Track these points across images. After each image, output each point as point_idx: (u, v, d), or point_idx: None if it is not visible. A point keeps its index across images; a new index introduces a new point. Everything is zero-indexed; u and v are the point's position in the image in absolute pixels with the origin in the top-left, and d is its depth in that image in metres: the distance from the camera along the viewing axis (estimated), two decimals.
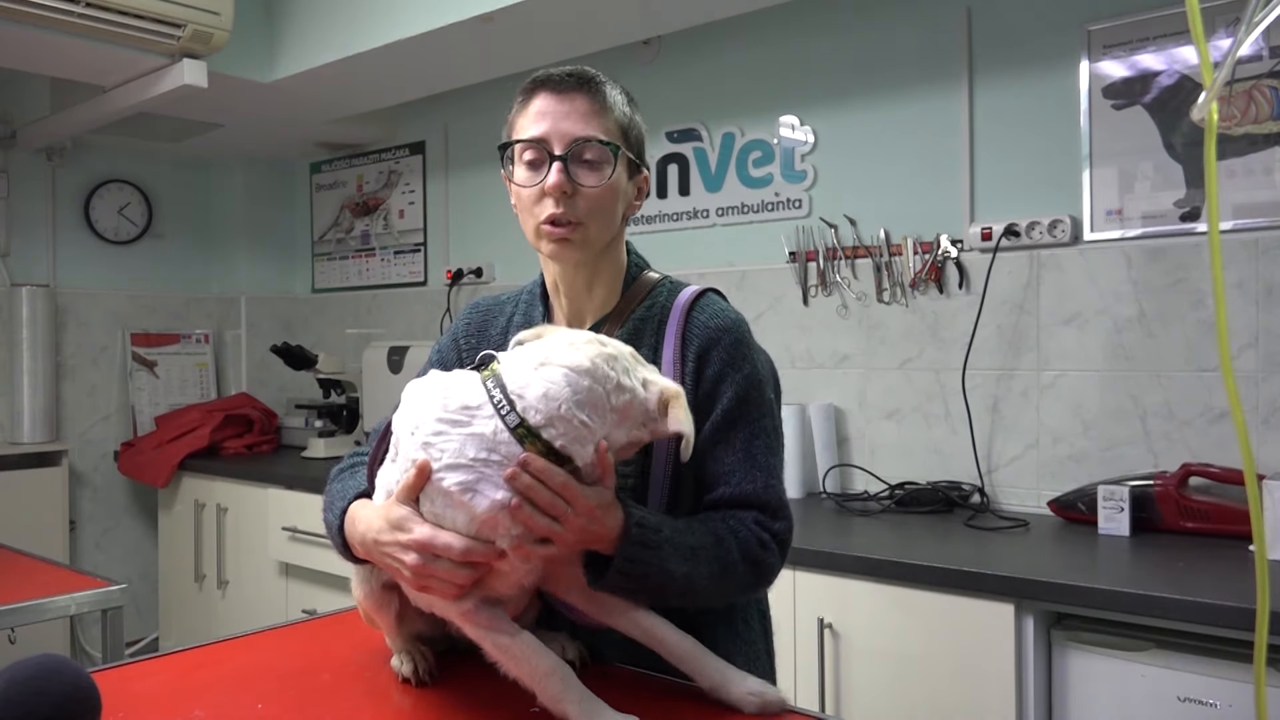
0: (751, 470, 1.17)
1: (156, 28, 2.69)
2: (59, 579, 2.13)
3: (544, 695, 0.98)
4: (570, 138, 1.18)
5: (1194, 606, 1.57)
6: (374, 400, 3.49)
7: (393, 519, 1.00)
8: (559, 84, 1.20)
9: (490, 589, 1.01)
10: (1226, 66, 0.80)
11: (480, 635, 1.01)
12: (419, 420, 0.98)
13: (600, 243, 1.22)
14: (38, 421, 3.68)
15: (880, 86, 2.66)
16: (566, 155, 1.17)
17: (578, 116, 1.19)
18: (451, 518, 0.96)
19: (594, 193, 1.19)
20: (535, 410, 0.95)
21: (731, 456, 1.18)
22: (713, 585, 1.10)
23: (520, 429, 0.95)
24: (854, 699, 1.98)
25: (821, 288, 2.75)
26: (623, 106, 1.24)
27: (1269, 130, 2.07)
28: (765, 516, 1.17)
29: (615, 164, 1.20)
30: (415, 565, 0.97)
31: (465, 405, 0.97)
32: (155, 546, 3.99)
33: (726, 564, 1.11)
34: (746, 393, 1.19)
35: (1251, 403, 2.09)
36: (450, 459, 0.95)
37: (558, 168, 1.17)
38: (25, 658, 0.90)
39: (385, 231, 4.07)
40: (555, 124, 1.18)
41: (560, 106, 1.19)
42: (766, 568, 1.16)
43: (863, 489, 2.61)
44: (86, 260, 3.96)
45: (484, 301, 1.39)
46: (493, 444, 0.95)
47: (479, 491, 0.94)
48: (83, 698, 0.90)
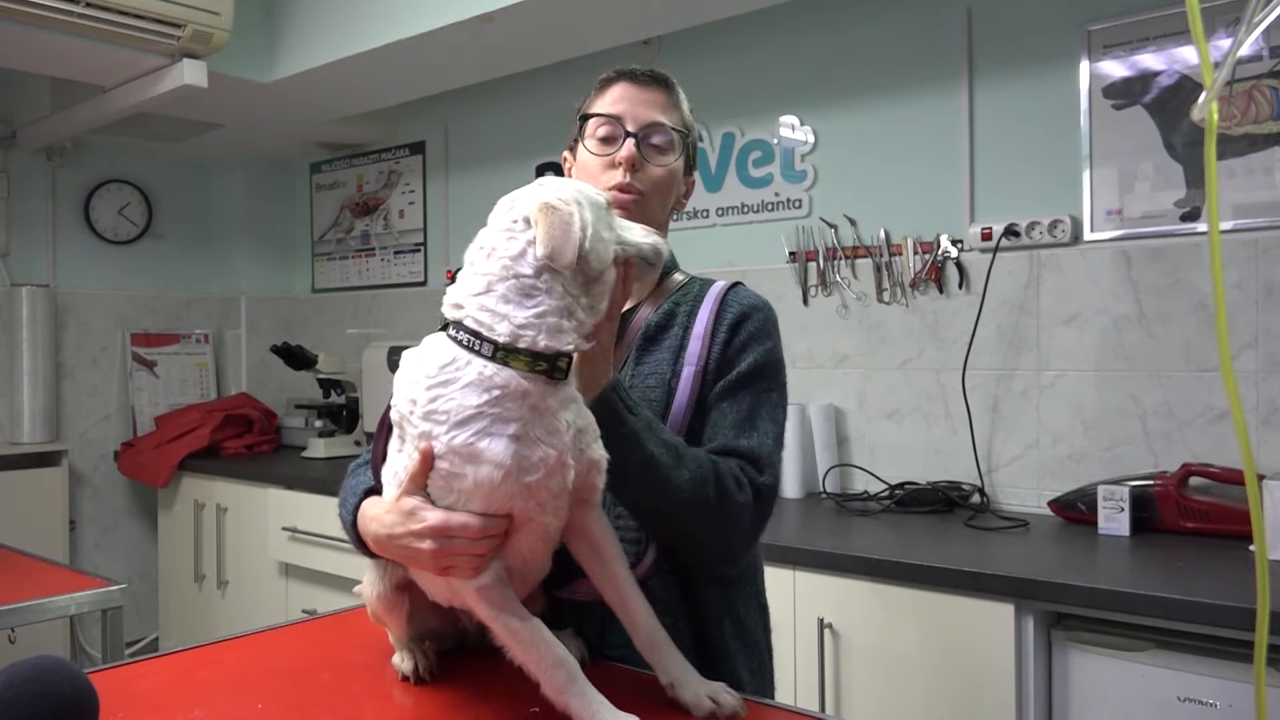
0: (749, 430, 1.23)
1: (156, 28, 2.69)
2: (59, 579, 2.13)
3: (548, 685, 0.98)
4: (645, 120, 1.30)
5: (1194, 606, 1.57)
6: (374, 400, 3.49)
7: (404, 509, 1.00)
8: (638, 76, 1.33)
9: (510, 552, 1.02)
10: (1226, 66, 0.80)
11: (493, 616, 1.01)
12: (413, 394, 1.00)
13: (654, 221, 1.28)
14: (38, 421, 3.68)
15: (880, 86, 2.66)
16: (639, 133, 1.29)
17: (654, 105, 1.31)
18: (471, 474, 0.95)
19: (659, 171, 1.30)
20: (495, 332, 0.97)
21: (734, 414, 1.24)
22: (680, 491, 1.11)
23: (499, 355, 0.96)
24: (854, 699, 1.98)
25: (821, 288, 2.75)
26: (688, 110, 1.37)
27: (1269, 130, 2.07)
28: (749, 466, 1.20)
29: (679, 150, 1.32)
30: (433, 550, 0.97)
31: (443, 364, 0.98)
32: (155, 546, 3.99)
33: (696, 478, 1.13)
34: (765, 364, 1.27)
35: (1251, 403, 2.09)
36: (456, 417, 0.96)
37: (630, 142, 1.28)
38: (23, 659, 0.89)
39: (385, 231, 4.07)
40: (632, 107, 1.30)
41: (639, 94, 1.31)
42: (735, 506, 1.16)
43: (863, 489, 2.61)
44: (86, 260, 3.96)
45: None
46: (489, 383, 0.96)
47: (494, 434, 0.95)
48: (81, 699, 0.89)
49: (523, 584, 1.08)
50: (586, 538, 1.08)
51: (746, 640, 1.28)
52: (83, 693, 0.90)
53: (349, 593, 1.23)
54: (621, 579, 1.08)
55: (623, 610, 1.08)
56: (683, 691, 1.04)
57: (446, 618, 1.21)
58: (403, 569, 1.16)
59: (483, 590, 1.00)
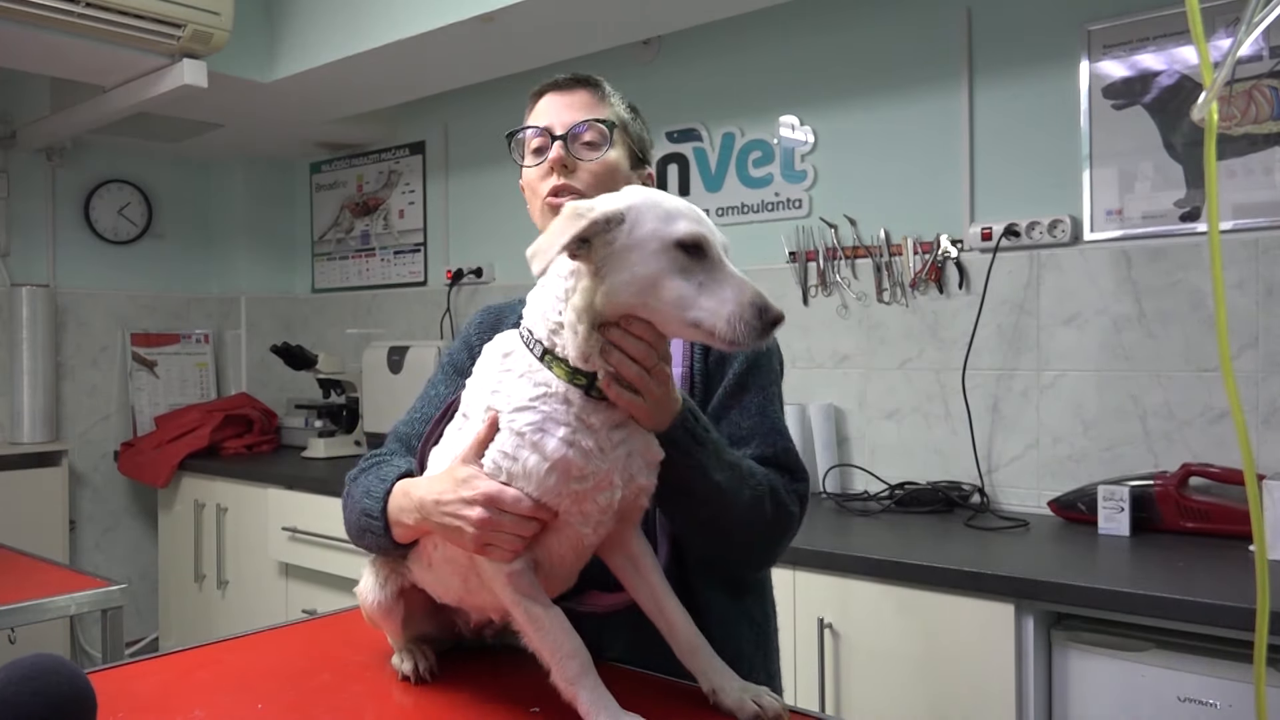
0: (770, 433, 1.24)
1: (156, 28, 2.69)
2: (59, 579, 2.14)
3: (559, 674, 0.99)
4: (570, 122, 1.27)
5: (1194, 606, 1.57)
6: (374, 400, 3.49)
7: (459, 477, 1.01)
8: (561, 84, 1.31)
9: (545, 550, 1.02)
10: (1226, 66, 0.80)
11: (515, 601, 1.01)
12: (485, 376, 1.05)
13: None
14: (38, 421, 3.68)
15: (880, 86, 2.66)
16: (566, 135, 1.26)
17: (578, 106, 1.29)
18: (524, 460, 0.97)
19: (593, 166, 1.26)
20: (539, 335, 1.00)
21: (748, 420, 1.24)
22: (739, 512, 1.13)
23: (546, 357, 0.99)
24: (854, 699, 1.98)
25: (821, 288, 2.75)
26: (620, 106, 1.33)
27: (1269, 130, 2.07)
28: (788, 476, 1.22)
29: (612, 139, 1.28)
30: (480, 519, 0.97)
31: (506, 353, 1.03)
32: (155, 546, 3.99)
33: (756, 496, 1.15)
34: (756, 359, 1.27)
35: (1251, 403, 2.09)
36: (517, 402, 0.99)
37: (558, 145, 1.26)
38: (20, 658, 0.90)
39: (385, 231, 4.07)
40: (558, 114, 1.28)
41: (563, 100, 1.30)
42: (788, 516, 1.20)
43: (863, 489, 2.61)
44: (86, 260, 3.96)
45: (495, 306, 1.44)
46: (536, 378, 0.99)
47: (546, 431, 0.97)
48: (78, 697, 0.90)
49: (559, 583, 1.09)
50: (624, 550, 1.09)
51: (753, 635, 1.29)
52: (81, 691, 0.90)
53: (349, 593, 1.23)
54: (659, 589, 1.09)
55: (661, 619, 1.08)
56: (725, 698, 1.04)
57: (442, 623, 1.22)
58: (403, 576, 1.16)
59: (511, 575, 1.01)
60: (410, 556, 1.14)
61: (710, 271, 0.92)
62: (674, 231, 0.92)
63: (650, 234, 0.93)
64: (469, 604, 1.13)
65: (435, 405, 1.28)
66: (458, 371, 1.30)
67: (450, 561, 1.08)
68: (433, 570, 1.11)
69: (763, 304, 0.90)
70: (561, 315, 0.98)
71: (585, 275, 0.95)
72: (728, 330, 0.90)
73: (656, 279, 0.92)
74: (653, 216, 0.94)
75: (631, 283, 0.93)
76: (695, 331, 0.92)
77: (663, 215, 0.94)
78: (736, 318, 0.90)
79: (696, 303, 0.91)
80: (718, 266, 0.93)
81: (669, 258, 0.92)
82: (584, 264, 0.95)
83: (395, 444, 1.31)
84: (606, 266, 0.94)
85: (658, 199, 0.96)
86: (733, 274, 0.93)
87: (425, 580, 1.14)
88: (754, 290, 0.92)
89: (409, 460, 1.20)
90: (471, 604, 1.13)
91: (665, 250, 0.92)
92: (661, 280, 0.92)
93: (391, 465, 1.19)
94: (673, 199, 0.97)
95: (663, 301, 0.92)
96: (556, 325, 0.98)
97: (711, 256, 0.93)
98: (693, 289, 0.92)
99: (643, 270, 0.92)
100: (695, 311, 0.91)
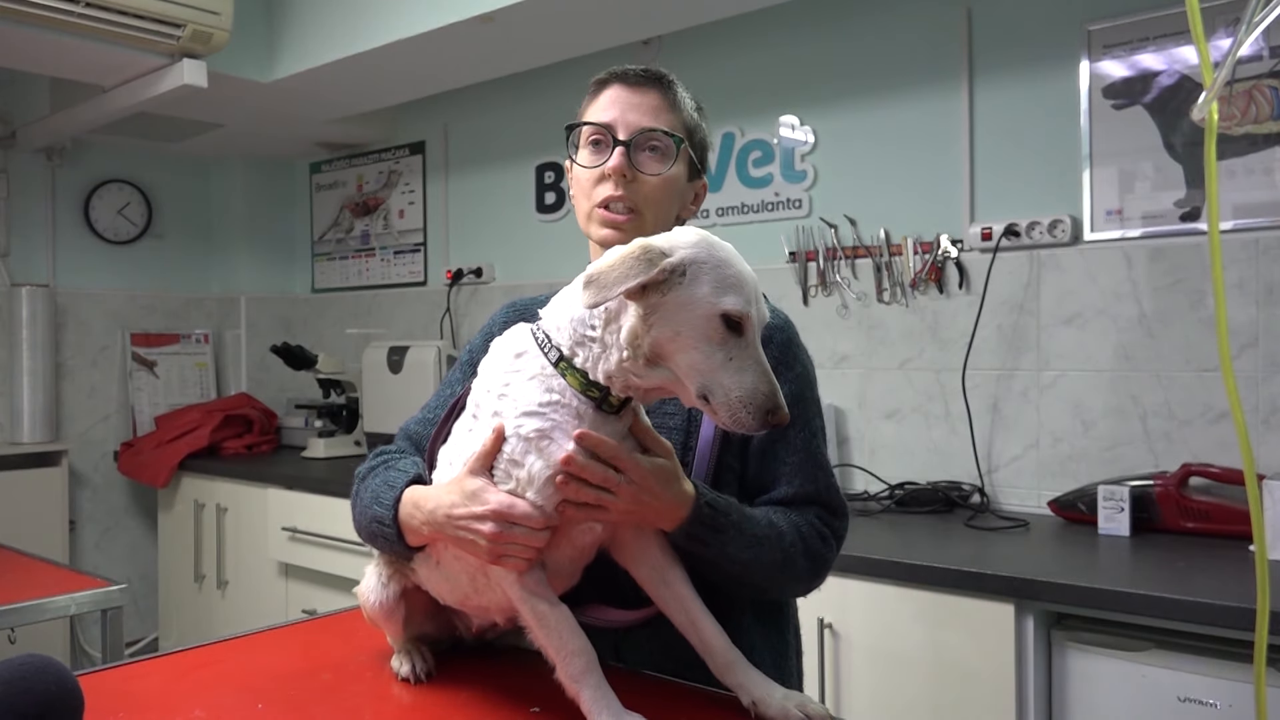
0: (815, 470, 1.21)
1: (156, 28, 2.69)
2: (59, 579, 2.14)
3: (564, 671, 0.99)
4: (637, 127, 1.21)
5: (1194, 606, 1.57)
6: (374, 400, 3.49)
7: (468, 490, 1.00)
8: (632, 78, 1.24)
9: (550, 551, 1.03)
10: (1226, 66, 0.80)
11: (523, 598, 1.02)
12: (493, 376, 1.04)
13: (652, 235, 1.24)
14: (38, 421, 3.68)
15: (880, 86, 2.66)
16: (630, 142, 1.20)
17: (647, 109, 1.22)
18: (529, 465, 0.97)
19: (654, 180, 1.21)
20: (558, 341, 0.99)
21: (794, 456, 1.21)
22: (770, 575, 1.13)
23: (561, 364, 0.99)
24: (854, 699, 1.98)
25: (821, 288, 2.75)
26: (691, 110, 1.27)
27: (1269, 130, 2.07)
28: (827, 514, 1.21)
29: (677, 156, 1.23)
30: (493, 534, 0.98)
31: (518, 353, 1.02)
32: (155, 546, 3.99)
33: (788, 556, 1.13)
34: (801, 391, 1.23)
35: (1251, 403, 2.09)
36: (524, 406, 0.99)
37: (620, 151, 1.19)
38: (9, 657, 0.90)
39: (385, 231, 4.07)
40: (623, 113, 1.21)
41: (631, 98, 1.22)
42: (824, 562, 1.19)
43: (863, 489, 2.61)
44: (86, 260, 3.96)
45: (520, 301, 1.39)
46: (548, 384, 0.98)
47: (554, 439, 0.97)
48: (66, 695, 0.90)
49: (565, 579, 1.09)
50: (650, 561, 1.08)
51: (774, 643, 1.28)
52: (68, 689, 0.91)
53: (349, 593, 1.23)
54: (690, 602, 1.07)
55: (694, 633, 1.06)
56: (767, 710, 1.02)
57: (441, 624, 1.22)
58: (405, 577, 1.16)
59: (520, 573, 1.01)
60: (417, 557, 1.14)
61: (741, 350, 0.94)
62: (723, 305, 0.93)
63: (702, 298, 0.93)
64: (474, 604, 1.13)
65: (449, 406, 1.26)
66: (476, 370, 1.28)
67: (459, 559, 1.08)
68: (441, 569, 1.11)
69: (772, 406, 0.92)
70: (596, 331, 0.97)
71: (633, 315, 0.95)
72: (728, 415, 0.92)
73: (691, 342, 0.93)
74: (709, 279, 0.94)
75: (674, 340, 0.94)
76: (700, 401, 0.94)
77: (718, 282, 0.94)
78: (741, 406, 0.92)
79: (715, 377, 0.93)
80: (750, 347, 0.94)
81: (711, 326, 0.93)
82: (635, 303, 0.94)
83: (404, 442, 1.29)
84: (656, 316, 0.94)
85: (719, 256, 0.96)
86: (759, 361, 0.94)
87: (431, 581, 1.14)
88: (772, 385, 0.93)
89: (417, 461, 1.18)
90: (477, 604, 1.12)
91: (710, 319, 0.93)
92: (695, 343, 0.93)
93: (398, 468, 1.16)
94: (730, 256, 0.97)
95: (687, 363, 0.94)
96: (585, 339, 0.97)
97: (747, 337, 0.94)
98: (717, 363, 0.93)
99: (686, 331, 0.94)
100: (711, 384, 0.93)
